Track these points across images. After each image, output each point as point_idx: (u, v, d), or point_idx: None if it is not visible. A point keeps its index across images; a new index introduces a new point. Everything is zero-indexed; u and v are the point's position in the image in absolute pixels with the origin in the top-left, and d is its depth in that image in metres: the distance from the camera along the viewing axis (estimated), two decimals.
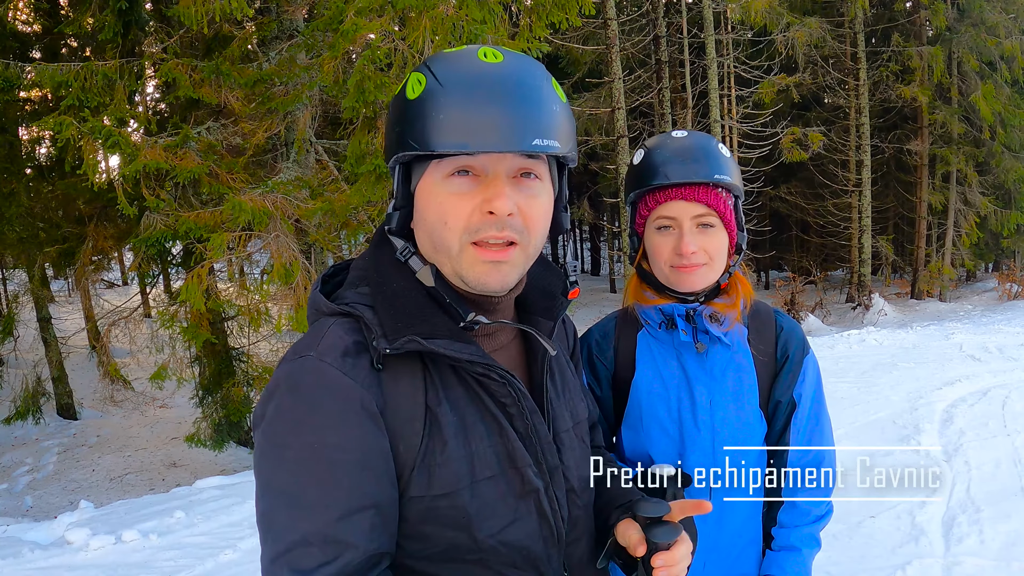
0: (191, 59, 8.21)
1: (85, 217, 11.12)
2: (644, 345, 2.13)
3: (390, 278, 1.32)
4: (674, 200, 2.00)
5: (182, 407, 13.23)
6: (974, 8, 22.30)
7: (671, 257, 2.01)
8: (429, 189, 1.28)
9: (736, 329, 2.10)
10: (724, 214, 2.02)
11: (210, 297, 8.42)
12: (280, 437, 1.20)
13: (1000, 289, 25.00)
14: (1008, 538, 5.08)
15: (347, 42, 7.37)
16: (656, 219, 2.04)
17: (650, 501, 1.39)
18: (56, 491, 10.33)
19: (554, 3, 8.65)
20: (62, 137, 7.08)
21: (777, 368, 2.14)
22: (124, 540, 5.76)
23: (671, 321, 2.07)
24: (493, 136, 1.20)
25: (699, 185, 1.98)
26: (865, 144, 23.08)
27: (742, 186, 2.09)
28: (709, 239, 2.00)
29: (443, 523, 1.26)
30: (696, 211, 1.99)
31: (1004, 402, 8.75)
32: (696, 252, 1.98)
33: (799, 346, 2.17)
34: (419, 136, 1.23)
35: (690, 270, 2.00)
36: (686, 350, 2.08)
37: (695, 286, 2.03)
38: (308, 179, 8.40)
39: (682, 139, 2.06)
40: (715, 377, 2.07)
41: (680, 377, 2.08)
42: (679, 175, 1.98)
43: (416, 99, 1.25)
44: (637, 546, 1.36)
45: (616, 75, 17.09)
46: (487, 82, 1.23)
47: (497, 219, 1.24)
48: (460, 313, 1.30)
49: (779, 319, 2.20)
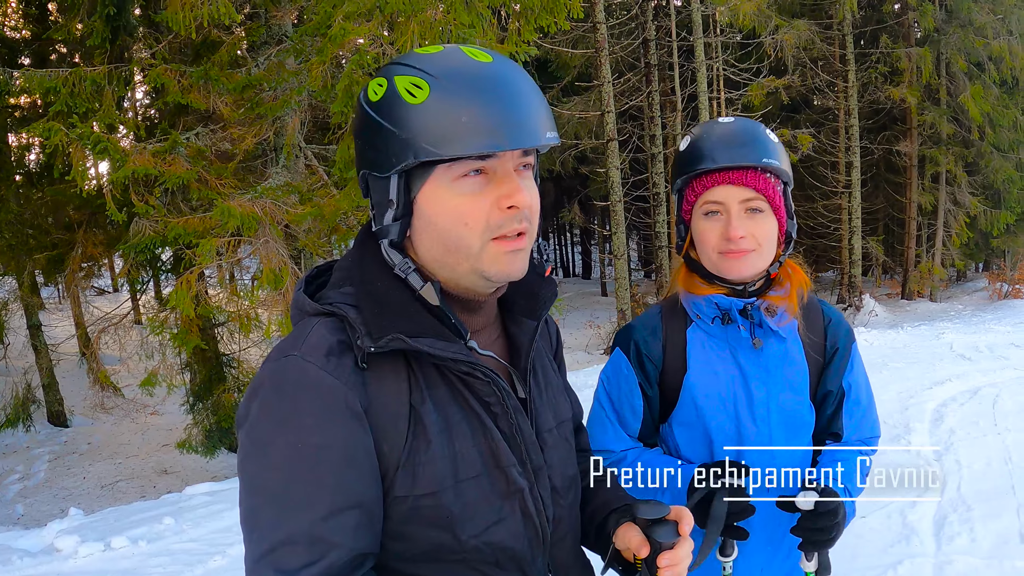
0: (180, 64, 8.21)
1: (74, 223, 11.07)
2: (695, 341, 2.10)
3: (374, 278, 1.32)
4: (721, 184, 1.97)
5: (173, 414, 13.20)
6: (962, 9, 22.38)
7: (719, 243, 1.99)
8: (438, 195, 1.27)
9: (789, 322, 2.07)
10: (773, 199, 1.99)
11: (200, 303, 8.40)
12: (264, 437, 1.20)
13: (990, 289, 25.07)
14: (999, 536, 5.09)
15: (335, 47, 7.36)
16: (703, 204, 2.01)
17: (649, 503, 1.39)
18: (47, 499, 10.29)
19: (542, 7, 8.64)
20: (51, 143, 7.06)
21: (827, 359, 2.13)
22: (113, 547, 5.75)
23: (726, 316, 2.04)
24: (515, 134, 1.22)
25: (747, 169, 1.96)
26: (854, 145, 23.13)
27: (791, 172, 2.06)
28: (758, 224, 1.98)
29: (427, 523, 1.26)
30: (744, 195, 1.96)
31: (994, 401, 8.78)
32: (744, 237, 1.96)
33: (847, 336, 2.17)
34: (435, 141, 1.22)
35: (738, 255, 1.98)
36: (741, 345, 2.06)
37: (744, 273, 2.01)
38: (297, 184, 8.39)
39: (729, 124, 2.04)
40: (770, 372, 2.05)
41: (735, 373, 2.06)
42: (726, 158, 1.96)
43: (423, 104, 1.23)
44: (640, 547, 1.36)
45: (605, 79, 17.09)
46: (492, 82, 1.25)
47: (519, 212, 1.27)
48: (461, 332, 1.32)
49: (825, 309, 2.19)
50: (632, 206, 21.55)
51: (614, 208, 17.44)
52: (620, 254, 17.93)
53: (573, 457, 1.55)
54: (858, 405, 2.17)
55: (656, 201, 20.11)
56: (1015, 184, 23.45)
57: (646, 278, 27.78)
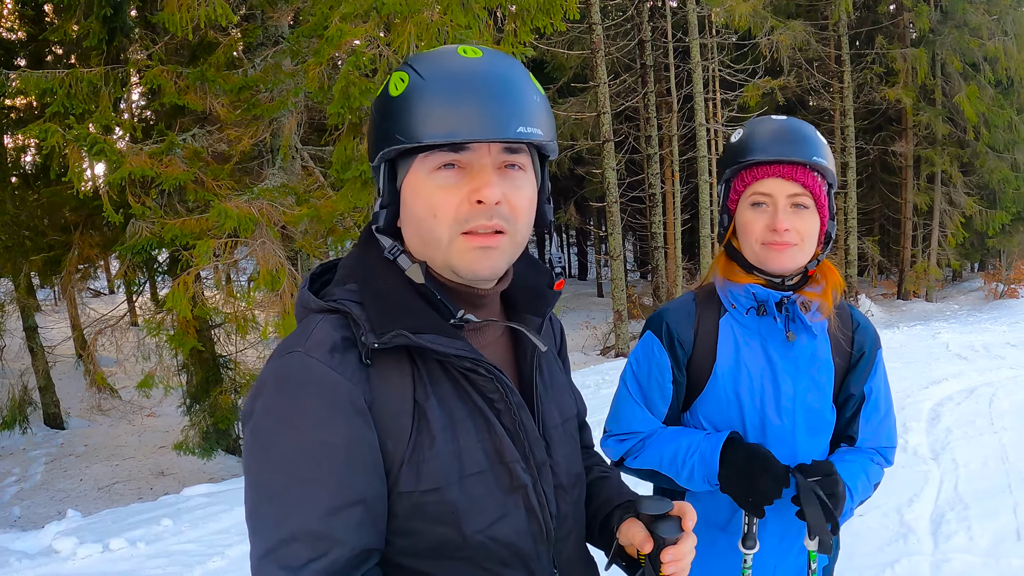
0: (176, 66, 8.19)
1: (71, 225, 11.03)
2: (727, 331, 2.14)
3: (377, 275, 1.33)
4: (771, 177, 2.02)
5: (170, 415, 13.16)
6: (957, 10, 22.45)
7: (763, 234, 2.04)
8: (416, 184, 1.29)
9: (821, 322, 2.12)
10: (819, 197, 2.04)
11: (196, 304, 8.38)
12: (268, 434, 1.20)
13: (986, 288, 25.16)
14: (996, 535, 5.11)
15: (332, 48, 7.37)
16: (751, 195, 2.06)
17: (652, 499, 1.40)
18: (44, 501, 10.26)
19: (539, 8, 8.65)
20: (47, 145, 7.04)
21: (852, 363, 2.18)
22: (112, 549, 5.73)
23: (762, 307, 2.08)
24: (479, 125, 1.22)
25: (797, 164, 2.01)
26: (850, 146, 23.20)
27: (836, 175, 2.11)
28: (802, 220, 2.03)
29: (432, 519, 1.26)
30: (792, 190, 2.01)
31: (991, 400, 8.80)
32: (789, 230, 2.00)
33: (873, 342, 2.22)
34: (405, 130, 1.25)
35: (781, 248, 2.02)
36: (772, 339, 2.10)
37: (784, 266, 2.05)
38: (294, 186, 8.39)
39: (782, 121, 2.10)
40: (800, 368, 2.10)
41: (765, 366, 2.10)
42: (778, 153, 2.01)
43: (400, 96, 1.27)
44: (644, 543, 1.37)
45: (601, 79, 17.12)
46: (469, 75, 1.25)
47: (486, 208, 1.25)
48: (450, 310, 1.31)
49: (854, 314, 2.23)
50: (628, 207, 21.60)
51: (610, 209, 17.47)
52: (616, 255, 17.95)
53: (578, 454, 1.55)
54: (876, 411, 2.20)
55: (652, 202, 20.15)
56: (1010, 184, 23.54)
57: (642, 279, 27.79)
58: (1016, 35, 22.53)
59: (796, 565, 2.17)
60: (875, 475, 2.19)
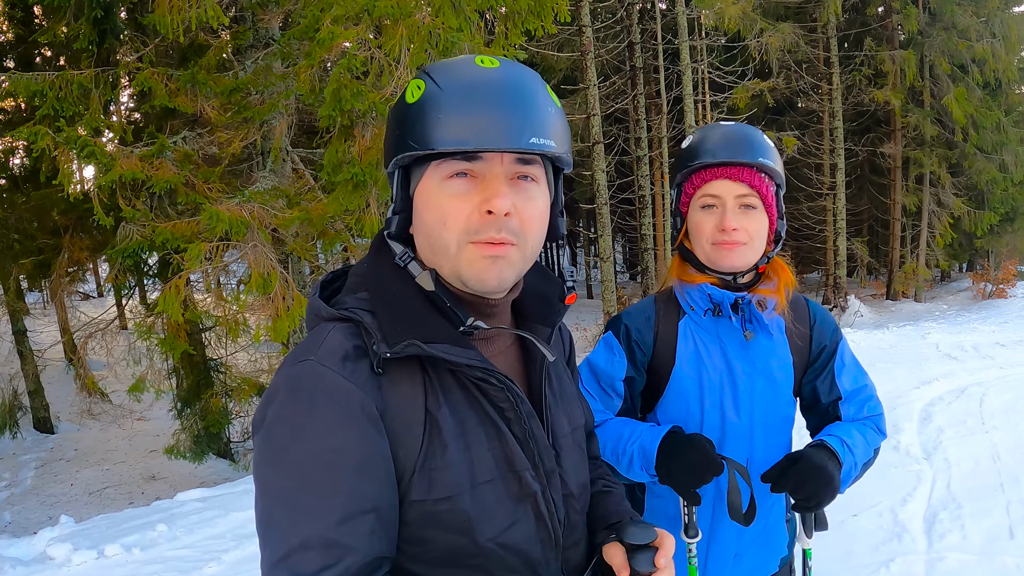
0: (167, 68, 8.15)
1: (60, 228, 11.00)
2: (686, 333, 2.22)
3: (389, 283, 1.33)
4: (719, 179, 2.10)
5: (160, 419, 13.13)
6: (945, 12, 22.55)
7: (713, 234, 2.12)
8: (428, 192, 1.29)
9: (776, 319, 2.20)
10: (766, 197, 2.12)
11: (187, 308, 8.36)
12: (280, 441, 1.20)
13: (975, 289, 25.27)
14: (989, 533, 5.15)
15: (323, 50, 7.34)
16: (701, 197, 2.14)
17: (637, 526, 1.40)
18: (34, 506, 10.22)
19: (530, 10, 8.64)
20: (37, 147, 7.00)
21: (812, 358, 2.26)
22: (107, 555, 5.71)
23: (717, 309, 2.16)
24: (491, 134, 1.22)
25: (743, 166, 2.09)
26: (839, 147, 23.27)
27: (783, 176, 2.19)
28: (750, 219, 2.11)
29: (444, 527, 1.26)
30: (739, 191, 2.09)
31: (981, 399, 8.85)
32: (737, 230, 2.08)
33: (832, 333, 2.29)
34: (418, 137, 1.25)
35: (731, 247, 2.10)
36: (730, 339, 2.18)
37: (734, 264, 2.13)
38: (285, 188, 8.36)
39: (731, 126, 2.18)
40: (756, 366, 2.17)
41: (723, 366, 2.18)
42: (725, 155, 2.09)
43: (415, 103, 1.27)
44: (620, 570, 1.37)
45: (591, 82, 17.12)
46: (484, 85, 1.26)
47: (495, 219, 1.25)
48: (459, 317, 1.31)
49: (811, 307, 2.31)
50: (618, 209, 21.62)
51: (600, 211, 17.47)
52: (606, 256, 17.96)
53: (586, 463, 1.56)
54: (855, 396, 2.27)
55: (642, 204, 20.15)
56: (998, 185, 23.67)
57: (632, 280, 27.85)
58: (1004, 37, 22.64)
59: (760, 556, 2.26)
60: (873, 439, 2.22)
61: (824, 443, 2.07)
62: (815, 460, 2.00)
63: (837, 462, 2.03)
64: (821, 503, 2.01)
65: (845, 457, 2.05)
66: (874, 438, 2.23)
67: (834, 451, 2.04)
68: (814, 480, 1.98)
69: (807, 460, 2.00)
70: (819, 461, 2.00)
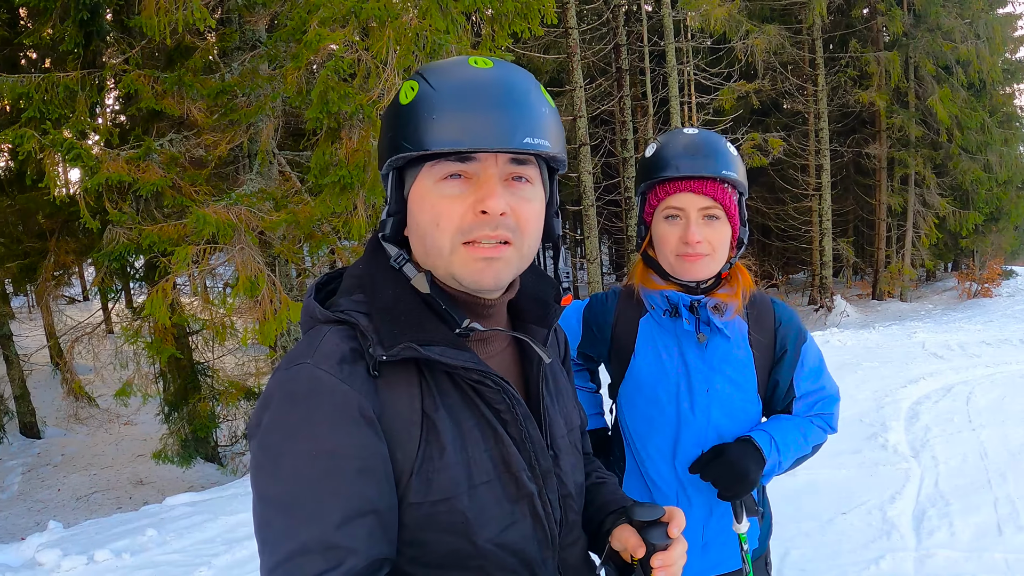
0: (153, 70, 8.12)
1: (46, 231, 10.94)
2: (646, 330, 2.27)
3: (385, 285, 1.33)
4: (683, 192, 2.13)
5: (148, 423, 13.09)
6: (930, 14, 22.68)
7: (677, 246, 2.15)
8: (422, 193, 1.29)
9: (736, 321, 2.25)
10: (729, 208, 2.16)
11: (174, 311, 8.33)
12: (277, 446, 1.19)
13: (960, 288, 25.41)
14: (978, 529, 5.17)
15: (310, 52, 7.33)
16: (665, 209, 2.17)
17: (645, 505, 1.43)
18: (22, 511, 10.17)
19: (516, 12, 8.65)
20: (23, 150, 6.97)
21: (776, 357, 2.31)
22: (96, 560, 5.67)
23: (675, 310, 2.21)
24: (485, 134, 1.22)
25: (707, 179, 2.12)
26: (824, 148, 23.37)
27: (747, 184, 2.23)
28: (713, 231, 2.14)
29: (443, 529, 1.26)
30: (703, 203, 2.13)
31: (968, 398, 8.89)
32: (701, 242, 2.12)
33: (796, 338, 2.33)
34: (412, 137, 1.25)
35: (694, 259, 2.14)
36: (687, 339, 2.23)
37: (698, 275, 2.18)
38: (272, 191, 8.34)
39: (693, 135, 2.20)
40: (713, 367, 2.22)
41: (680, 365, 2.23)
42: (689, 168, 2.12)
43: (409, 104, 1.27)
44: (636, 548, 1.38)
45: (577, 83, 17.16)
46: (478, 85, 1.25)
47: (490, 219, 1.25)
48: (455, 319, 1.31)
49: (777, 309, 2.35)
50: (604, 210, 21.66)
51: (586, 212, 17.51)
52: (593, 258, 18.00)
53: (582, 464, 1.56)
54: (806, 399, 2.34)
55: (628, 205, 20.20)
56: (983, 185, 23.82)
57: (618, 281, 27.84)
58: (988, 38, 22.81)
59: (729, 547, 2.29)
60: (814, 436, 2.31)
61: (751, 439, 2.17)
62: (733, 456, 2.12)
63: (761, 457, 2.14)
64: (738, 494, 2.13)
65: (770, 454, 2.16)
66: (816, 434, 2.32)
67: (759, 447, 2.15)
68: (730, 473, 2.11)
69: (727, 455, 2.13)
70: (737, 456, 2.12)
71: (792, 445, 2.23)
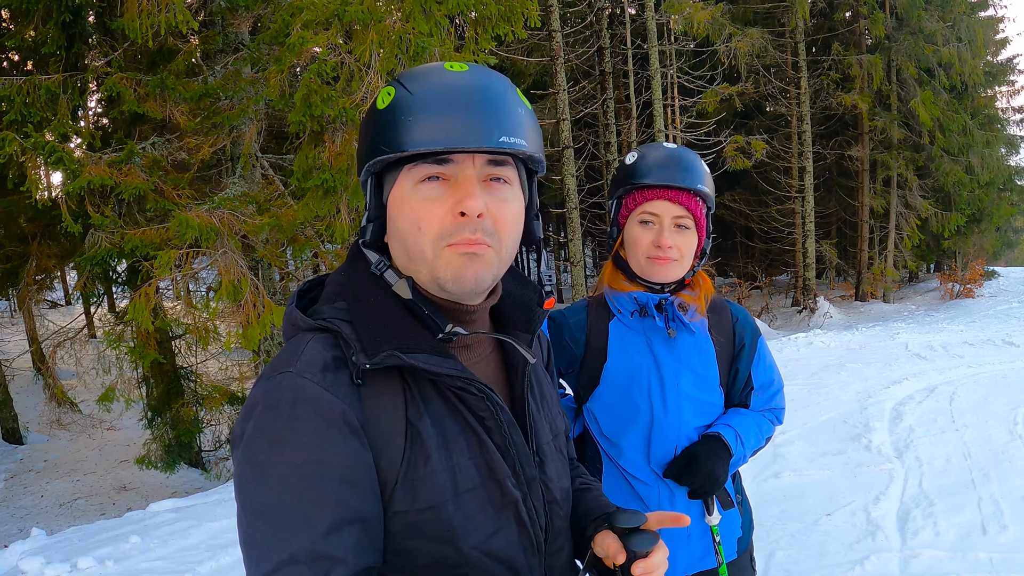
0: (135, 73, 8.07)
1: (28, 235, 10.86)
2: (616, 334, 2.41)
3: (367, 292, 1.32)
4: (660, 199, 2.30)
5: (131, 429, 13.00)
6: (912, 17, 22.82)
7: (649, 249, 2.32)
8: (401, 197, 1.29)
9: (699, 321, 2.40)
10: (699, 219, 2.34)
11: (157, 316, 8.27)
12: (261, 456, 1.18)
13: (942, 289, 25.59)
14: (962, 529, 5.20)
15: (293, 55, 7.32)
16: (641, 213, 2.33)
17: (627, 512, 1.43)
18: (4, 518, 10.08)
19: (500, 16, 8.64)
20: (4, 153, 6.89)
21: (735, 351, 2.49)
22: (79, 568, 5.61)
23: (643, 309, 2.37)
24: (461, 134, 1.23)
25: (683, 190, 2.29)
26: (807, 151, 23.47)
27: (715, 199, 2.42)
28: (683, 238, 2.32)
29: (428, 537, 1.25)
30: (677, 212, 2.30)
31: (951, 398, 8.95)
32: (672, 247, 2.29)
33: (752, 332, 2.52)
34: (390, 140, 1.26)
35: (664, 263, 2.31)
36: (656, 337, 2.37)
37: (665, 277, 2.35)
38: (255, 195, 8.31)
39: (673, 149, 2.37)
40: (682, 361, 2.37)
41: (650, 362, 2.36)
42: (667, 179, 2.29)
43: (386, 108, 1.28)
44: (616, 555, 1.38)
45: (561, 86, 17.19)
46: (454, 87, 1.27)
47: (469, 220, 1.24)
48: (438, 324, 1.30)
49: (732, 309, 2.54)
50: (587, 213, 21.65)
51: (570, 215, 17.53)
52: (576, 261, 18.01)
53: (567, 470, 1.56)
54: (765, 389, 2.53)
55: None
56: (965, 187, 24.01)
57: None
58: (970, 41, 22.97)
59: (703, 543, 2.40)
60: (766, 429, 2.52)
61: (720, 437, 2.33)
62: (704, 460, 2.27)
63: (728, 453, 2.32)
64: (708, 492, 2.31)
65: (737, 450, 2.34)
66: (768, 428, 2.53)
67: (727, 443, 2.32)
68: (701, 477, 2.26)
69: (699, 461, 2.27)
70: (707, 460, 2.28)
71: (752, 438, 2.41)
